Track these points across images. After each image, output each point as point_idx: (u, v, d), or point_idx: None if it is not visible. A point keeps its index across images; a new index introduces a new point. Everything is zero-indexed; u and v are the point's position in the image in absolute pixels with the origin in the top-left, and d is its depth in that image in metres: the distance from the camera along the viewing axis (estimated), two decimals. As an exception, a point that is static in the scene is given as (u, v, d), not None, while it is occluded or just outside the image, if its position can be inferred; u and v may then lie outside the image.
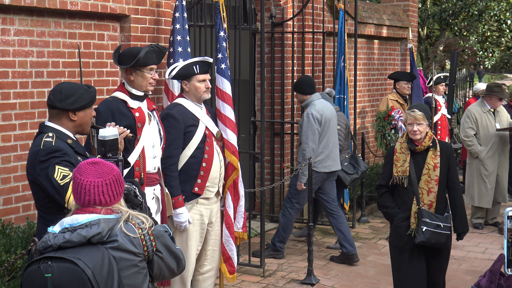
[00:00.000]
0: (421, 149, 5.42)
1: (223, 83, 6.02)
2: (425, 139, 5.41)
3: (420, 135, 5.38)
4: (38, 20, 5.81)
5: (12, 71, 5.64)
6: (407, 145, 5.46)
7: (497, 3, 21.56)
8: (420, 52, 22.53)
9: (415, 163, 5.43)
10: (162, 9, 6.85)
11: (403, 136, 5.55)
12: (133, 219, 2.88)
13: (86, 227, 2.77)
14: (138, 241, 2.84)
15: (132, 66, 4.90)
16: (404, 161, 5.42)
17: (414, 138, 5.39)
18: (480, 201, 9.15)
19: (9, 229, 5.34)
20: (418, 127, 5.37)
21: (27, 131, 5.78)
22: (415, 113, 5.39)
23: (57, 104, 3.93)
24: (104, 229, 2.76)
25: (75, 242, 2.75)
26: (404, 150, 5.46)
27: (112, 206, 2.88)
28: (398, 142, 5.55)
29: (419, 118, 5.37)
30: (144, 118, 5.00)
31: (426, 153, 5.43)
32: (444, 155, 5.44)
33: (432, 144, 5.44)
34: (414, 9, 12.42)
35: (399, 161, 5.44)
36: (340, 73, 8.73)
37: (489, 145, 9.07)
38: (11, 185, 5.70)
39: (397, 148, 5.52)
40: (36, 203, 4.02)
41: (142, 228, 2.86)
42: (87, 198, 2.84)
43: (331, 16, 9.53)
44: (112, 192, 2.86)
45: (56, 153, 3.81)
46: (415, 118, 5.37)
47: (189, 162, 5.46)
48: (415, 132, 5.37)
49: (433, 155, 5.41)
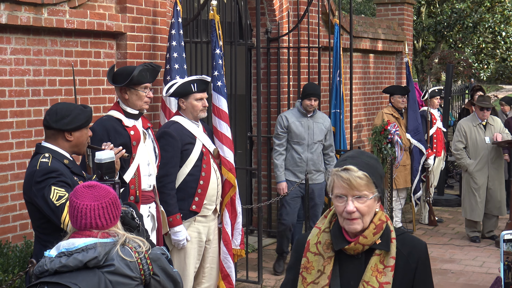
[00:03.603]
0: (358, 250, 2.69)
1: (220, 101, 6.03)
2: (369, 229, 2.67)
3: (360, 225, 2.66)
4: (34, 39, 5.82)
5: (8, 89, 5.65)
6: (330, 240, 2.73)
7: (491, 15, 21.62)
8: (415, 65, 22.60)
9: (342, 278, 2.70)
10: (158, 26, 6.87)
11: (325, 221, 2.79)
12: (129, 243, 2.88)
13: (82, 252, 2.76)
14: (134, 265, 2.83)
15: (127, 84, 4.92)
16: (320, 273, 2.70)
17: (348, 227, 2.67)
18: (472, 214, 9.18)
19: (6, 248, 5.33)
20: (357, 202, 2.63)
21: (24, 149, 5.78)
22: (351, 174, 2.63)
23: (53, 125, 3.94)
24: (100, 253, 2.76)
25: (71, 267, 2.74)
26: (324, 248, 2.72)
27: (109, 230, 2.87)
28: (316, 231, 2.78)
29: (358, 185, 2.63)
30: (139, 136, 5.01)
31: (366, 259, 2.70)
32: (406, 267, 2.68)
33: (382, 241, 2.69)
34: (409, 23, 12.47)
35: (310, 271, 2.72)
36: (335, 88, 8.75)
37: (477, 158, 9.11)
38: (8, 204, 5.69)
39: (310, 242, 2.76)
40: (32, 224, 4.02)
41: (139, 252, 2.86)
42: (83, 221, 2.84)
43: (327, 31, 9.56)
44: (108, 215, 2.86)
45: (52, 173, 3.82)
46: (351, 184, 2.63)
47: (187, 180, 5.47)
48: (350, 214, 2.64)
49: (381, 264, 2.66)
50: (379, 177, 2.71)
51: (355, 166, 2.66)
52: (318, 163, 7.62)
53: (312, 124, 7.56)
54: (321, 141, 7.63)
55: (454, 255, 8.52)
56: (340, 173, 2.66)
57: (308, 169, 7.50)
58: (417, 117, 9.65)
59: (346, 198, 2.64)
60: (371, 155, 2.80)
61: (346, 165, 2.67)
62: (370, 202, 2.66)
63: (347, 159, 2.71)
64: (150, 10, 6.77)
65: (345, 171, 2.66)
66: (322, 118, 7.70)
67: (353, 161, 2.69)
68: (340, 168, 2.67)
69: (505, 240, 2.64)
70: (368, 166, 2.68)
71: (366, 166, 2.68)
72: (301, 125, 7.53)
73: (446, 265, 8.09)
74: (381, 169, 2.74)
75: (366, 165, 2.68)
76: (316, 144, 7.59)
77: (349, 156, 2.75)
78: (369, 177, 2.66)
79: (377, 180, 2.68)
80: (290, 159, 7.57)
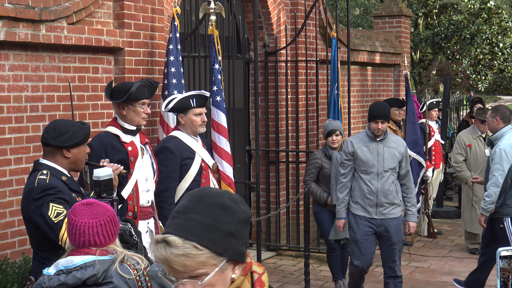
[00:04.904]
0: None
1: (219, 116, 6.05)
2: None
3: None
4: (32, 55, 5.84)
5: (7, 106, 5.66)
6: None
7: (488, 26, 21.73)
8: (413, 76, 22.66)
9: None
10: (156, 41, 6.89)
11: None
12: (128, 260, 2.88)
13: (81, 269, 2.77)
14: (133, 282, 2.84)
15: (124, 101, 4.93)
16: None
17: None
18: (471, 226, 9.17)
19: (5, 265, 5.32)
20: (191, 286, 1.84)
21: (22, 165, 5.78)
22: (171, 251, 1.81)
23: (51, 142, 3.95)
24: (99, 270, 2.76)
25: (70, 285, 2.74)
26: None
27: (107, 247, 2.88)
28: None
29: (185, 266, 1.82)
30: (137, 152, 5.02)
31: None
32: None
33: None
34: (406, 35, 12.51)
35: None
36: (334, 101, 8.76)
37: (477, 171, 9.10)
38: (7, 220, 5.69)
39: None
40: (31, 241, 4.02)
41: (137, 269, 2.86)
42: (82, 239, 2.84)
43: (324, 44, 9.59)
44: (107, 233, 2.86)
45: (50, 190, 3.82)
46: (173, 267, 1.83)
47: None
48: None
49: None
50: (227, 234, 1.84)
51: (180, 234, 1.81)
52: (392, 194, 6.43)
53: (382, 150, 6.44)
54: (394, 169, 6.44)
55: (453, 267, 8.50)
56: (157, 248, 1.83)
57: (379, 202, 6.39)
58: (416, 130, 9.65)
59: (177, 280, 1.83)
60: (217, 202, 1.87)
61: (166, 235, 1.82)
62: (213, 279, 1.84)
63: (175, 218, 1.86)
64: (148, 25, 6.79)
65: (163, 245, 1.82)
66: (395, 142, 6.54)
67: (180, 222, 1.83)
68: (160, 238, 1.83)
69: (501, 257, 2.65)
70: (205, 229, 1.82)
71: (201, 229, 1.82)
72: (369, 151, 6.45)
73: (445, 277, 8.07)
74: (234, 219, 1.87)
75: (202, 228, 1.82)
76: (387, 173, 6.43)
77: (179, 211, 1.87)
78: (203, 248, 1.81)
79: (222, 243, 1.83)
80: (358, 191, 6.46)
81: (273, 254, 9.03)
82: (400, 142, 6.58)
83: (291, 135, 9.15)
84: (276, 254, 9.07)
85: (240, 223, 1.87)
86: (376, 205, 6.38)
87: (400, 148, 6.50)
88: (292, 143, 9.17)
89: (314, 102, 9.29)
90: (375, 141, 6.45)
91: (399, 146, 6.52)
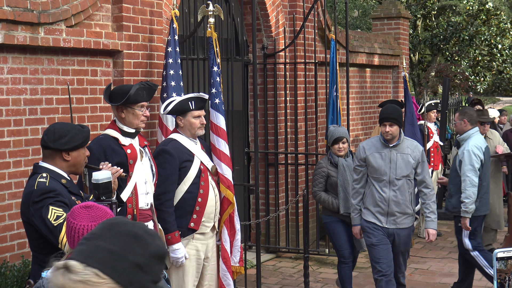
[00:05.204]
0: None
1: (218, 118, 6.04)
2: None
3: None
4: (31, 58, 5.84)
5: (5, 109, 5.66)
6: None
7: (487, 28, 21.74)
8: (412, 78, 22.67)
9: None
10: (155, 44, 6.89)
11: None
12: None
13: (80, 272, 2.76)
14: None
15: (123, 103, 4.93)
16: None
17: None
18: None
19: (4, 268, 5.32)
20: None
21: (21, 168, 5.78)
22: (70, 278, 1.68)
23: (50, 145, 3.95)
24: (98, 274, 2.75)
25: (69, 288, 2.73)
26: None
27: (106, 250, 2.87)
28: None
29: None
30: (136, 155, 5.01)
31: None
32: None
33: None
34: (405, 37, 12.52)
35: None
36: (332, 103, 8.76)
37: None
38: (6, 223, 5.68)
39: None
40: (30, 244, 4.02)
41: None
42: (81, 242, 2.84)
43: (323, 46, 9.60)
44: (106, 236, 2.86)
45: (50, 193, 3.82)
46: None
47: (185, 197, 5.46)
48: None
49: None
50: (134, 265, 1.72)
51: (82, 260, 1.69)
52: (404, 203, 6.20)
53: (395, 156, 6.17)
54: (407, 176, 6.18)
55: (453, 268, 8.49)
56: (55, 274, 1.69)
57: (390, 211, 6.18)
58: (415, 131, 9.64)
59: None
60: (128, 230, 1.77)
61: (67, 260, 1.70)
62: None
63: (81, 245, 1.75)
64: (147, 28, 6.80)
65: (62, 271, 1.68)
66: (410, 148, 6.25)
67: (84, 249, 1.73)
68: (61, 264, 1.70)
69: (497, 258, 2.65)
70: (110, 257, 1.70)
71: (106, 257, 1.70)
72: (381, 157, 6.19)
73: (445, 279, 8.07)
74: (145, 250, 1.76)
75: (107, 256, 1.70)
76: (400, 181, 6.17)
77: (87, 237, 1.77)
78: (105, 277, 1.68)
79: (127, 274, 1.70)
80: (370, 197, 6.26)
81: (273, 256, 9.04)
82: (415, 147, 6.28)
83: (290, 137, 9.16)
84: (275, 256, 9.08)
85: (151, 256, 1.76)
86: (387, 214, 6.18)
87: (415, 154, 6.21)
88: (291, 145, 9.18)
89: (313, 104, 9.30)
90: (388, 147, 6.19)
91: (414, 151, 6.22)
